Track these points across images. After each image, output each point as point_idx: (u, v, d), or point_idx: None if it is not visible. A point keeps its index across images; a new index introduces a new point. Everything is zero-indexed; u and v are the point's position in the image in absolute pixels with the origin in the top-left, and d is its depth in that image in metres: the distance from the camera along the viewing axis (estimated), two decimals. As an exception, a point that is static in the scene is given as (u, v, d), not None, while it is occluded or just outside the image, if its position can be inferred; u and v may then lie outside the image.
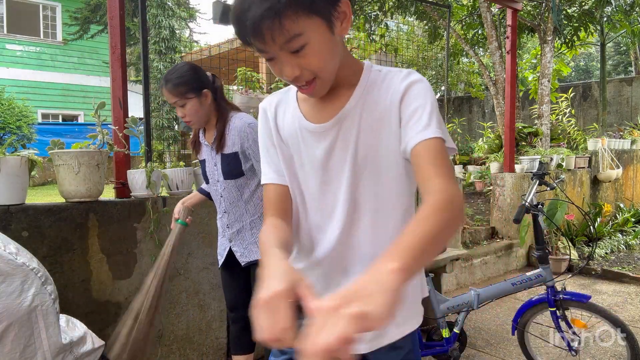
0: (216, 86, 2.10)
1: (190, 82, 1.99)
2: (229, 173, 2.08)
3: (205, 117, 2.08)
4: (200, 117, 2.06)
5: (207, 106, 2.06)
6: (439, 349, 2.64)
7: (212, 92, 2.07)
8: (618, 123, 10.47)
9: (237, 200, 2.13)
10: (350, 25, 1.00)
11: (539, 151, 6.01)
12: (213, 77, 2.12)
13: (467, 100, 13.26)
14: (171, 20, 11.37)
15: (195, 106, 2.02)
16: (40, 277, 1.64)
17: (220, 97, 2.10)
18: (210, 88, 2.06)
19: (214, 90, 2.09)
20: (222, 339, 2.96)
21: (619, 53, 20.32)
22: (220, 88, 2.11)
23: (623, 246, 5.78)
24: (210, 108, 2.08)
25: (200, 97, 2.02)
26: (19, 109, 9.05)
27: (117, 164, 2.69)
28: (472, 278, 4.83)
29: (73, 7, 13.61)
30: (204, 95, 2.02)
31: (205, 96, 2.03)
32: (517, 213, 2.55)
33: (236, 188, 2.11)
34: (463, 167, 8.31)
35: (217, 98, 2.09)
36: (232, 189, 2.12)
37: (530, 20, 6.86)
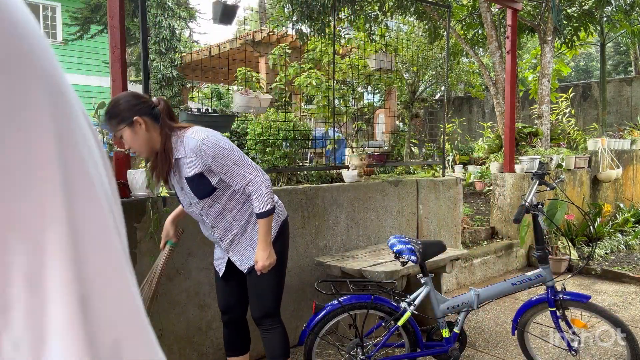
0: (156, 111, 2.01)
1: (119, 113, 1.94)
2: (202, 193, 2.04)
3: (146, 145, 2.00)
4: (140, 145, 1.99)
5: (144, 134, 1.96)
6: (439, 349, 2.64)
7: (152, 118, 1.98)
8: (618, 123, 10.47)
9: (220, 213, 2.10)
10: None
11: (539, 151, 6.01)
12: (157, 101, 2.05)
13: (467, 100, 13.25)
14: (171, 20, 11.35)
15: (130, 136, 1.96)
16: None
17: (163, 121, 2.01)
18: (147, 114, 1.97)
19: (154, 116, 1.99)
20: (222, 338, 2.95)
21: (619, 53, 20.31)
22: (162, 112, 2.02)
23: (623, 246, 5.77)
24: (150, 135, 1.98)
25: (133, 126, 1.94)
26: (19, 109, 9.05)
27: (117, 164, 2.69)
28: (472, 278, 4.83)
29: (73, 7, 13.61)
30: (136, 124, 1.94)
31: (138, 124, 1.94)
32: (517, 213, 2.55)
33: (214, 202, 2.08)
34: (463, 167, 8.31)
35: (160, 123, 2.01)
36: (211, 204, 2.08)
37: (530, 20, 6.86)
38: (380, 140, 9.59)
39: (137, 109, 1.96)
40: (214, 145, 1.96)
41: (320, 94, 6.16)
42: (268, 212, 2.01)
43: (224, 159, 1.96)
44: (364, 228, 3.84)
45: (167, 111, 2.06)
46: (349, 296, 2.50)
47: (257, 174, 2.00)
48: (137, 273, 1.97)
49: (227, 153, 1.97)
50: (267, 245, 2.05)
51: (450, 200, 4.63)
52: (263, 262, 2.03)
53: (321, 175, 4.53)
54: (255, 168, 2.02)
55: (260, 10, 12.43)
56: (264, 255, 2.03)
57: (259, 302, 2.18)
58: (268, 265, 2.04)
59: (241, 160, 2.00)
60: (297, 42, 6.90)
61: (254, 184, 1.99)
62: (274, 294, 2.20)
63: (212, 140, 1.97)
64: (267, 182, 2.02)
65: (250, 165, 2.01)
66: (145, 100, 2.02)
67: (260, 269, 2.04)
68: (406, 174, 5.72)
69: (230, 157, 1.97)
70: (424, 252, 2.52)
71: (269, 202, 2.00)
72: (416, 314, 2.58)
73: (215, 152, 1.95)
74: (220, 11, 4.62)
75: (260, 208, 2.00)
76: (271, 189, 2.03)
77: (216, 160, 1.96)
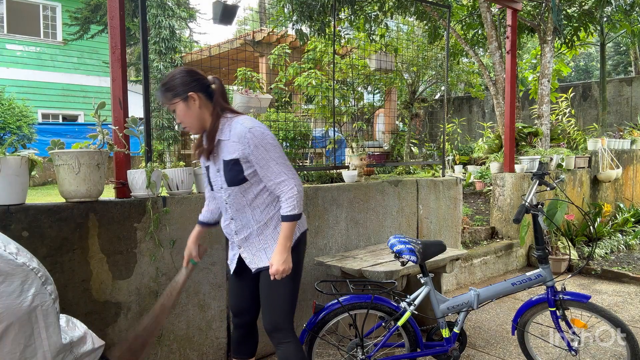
0: (211, 90, 2.03)
1: (175, 86, 1.97)
2: (232, 179, 2.02)
3: (198, 121, 2.02)
4: (192, 121, 2.01)
5: (197, 110, 1.99)
6: (439, 349, 2.64)
7: (207, 95, 2.01)
8: (618, 123, 10.48)
9: (243, 207, 2.06)
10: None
11: (539, 151, 6.01)
12: (213, 80, 2.05)
13: (467, 100, 13.26)
14: (171, 20, 11.35)
15: (183, 110, 1.99)
16: (40, 277, 1.64)
17: (217, 100, 2.03)
18: (202, 91, 1.99)
19: (209, 94, 2.02)
20: (222, 339, 2.96)
21: (619, 53, 20.30)
22: (217, 91, 2.03)
23: (623, 246, 5.78)
24: (202, 112, 2.01)
25: (187, 100, 1.97)
26: (19, 109, 9.05)
27: (117, 164, 2.69)
28: (472, 278, 4.84)
29: (73, 7, 13.61)
30: (191, 99, 1.97)
31: (192, 99, 1.97)
32: (517, 213, 2.54)
33: (241, 194, 2.04)
34: (463, 167, 8.31)
35: (213, 101, 2.03)
36: (237, 195, 2.05)
37: (530, 20, 6.86)
38: (380, 140, 9.59)
39: (193, 85, 1.97)
40: (260, 136, 1.94)
41: (320, 94, 6.16)
42: (294, 216, 1.97)
43: (265, 152, 1.95)
44: (364, 228, 3.84)
45: (221, 91, 2.05)
46: (349, 296, 2.50)
47: (292, 176, 1.98)
48: (137, 273, 1.96)
49: (270, 147, 1.96)
50: (286, 250, 1.97)
51: (450, 200, 4.63)
52: (278, 266, 1.95)
53: (321, 175, 4.53)
54: (292, 171, 1.99)
55: (260, 10, 12.42)
56: (280, 259, 1.96)
57: (270, 313, 2.10)
58: (282, 271, 1.96)
59: (281, 159, 1.98)
60: (297, 42, 6.90)
61: (287, 185, 1.96)
62: (286, 305, 2.09)
63: (259, 131, 1.95)
64: (300, 187, 1.98)
65: (288, 166, 1.99)
66: (201, 77, 2.02)
67: (273, 273, 1.97)
68: (406, 174, 5.72)
69: (272, 152, 1.96)
70: (424, 252, 2.52)
71: (297, 207, 1.96)
72: (416, 314, 2.58)
73: (259, 143, 1.94)
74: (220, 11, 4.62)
75: (288, 210, 1.96)
76: (302, 196, 1.99)
77: (257, 150, 1.94)
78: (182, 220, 2.73)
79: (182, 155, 9.38)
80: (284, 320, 2.09)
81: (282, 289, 2.07)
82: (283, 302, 2.08)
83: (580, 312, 2.61)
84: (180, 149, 9.96)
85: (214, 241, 2.89)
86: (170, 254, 2.69)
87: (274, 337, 2.10)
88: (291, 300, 2.11)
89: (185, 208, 2.75)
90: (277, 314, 2.08)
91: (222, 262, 2.94)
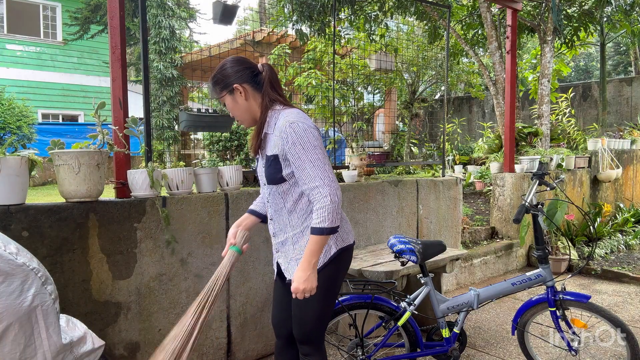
0: (258, 80, 1.88)
1: (221, 79, 1.87)
2: (271, 177, 1.87)
3: (248, 114, 1.90)
4: (241, 114, 1.90)
5: (244, 102, 1.87)
6: (439, 349, 2.64)
7: (254, 86, 1.87)
8: (618, 123, 10.48)
9: (281, 209, 1.92)
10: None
11: (539, 151, 6.01)
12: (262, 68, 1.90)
13: (467, 100, 13.26)
14: (171, 20, 11.34)
15: (230, 104, 1.89)
16: (40, 277, 1.65)
17: (265, 90, 1.87)
18: (249, 81, 1.86)
19: (257, 83, 1.87)
20: (222, 339, 2.96)
21: (619, 53, 20.30)
22: (265, 80, 1.88)
23: (623, 246, 5.78)
24: (250, 104, 1.88)
25: (233, 93, 1.86)
26: (19, 109, 9.04)
27: (117, 164, 2.69)
28: (472, 278, 4.83)
29: (73, 7, 13.61)
30: (236, 91, 1.86)
31: (238, 91, 1.86)
32: (517, 213, 2.55)
33: (279, 195, 1.90)
34: (463, 167, 8.31)
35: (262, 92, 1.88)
36: (276, 195, 1.91)
37: (530, 20, 6.86)
38: (380, 140, 9.59)
39: (239, 76, 1.85)
40: (300, 132, 1.75)
41: (320, 94, 6.16)
42: (324, 230, 1.72)
43: (302, 151, 1.75)
44: (364, 228, 3.84)
45: (270, 80, 1.88)
46: (349, 296, 2.50)
47: (328, 183, 1.73)
48: (137, 273, 1.95)
49: (309, 147, 1.75)
50: (310, 267, 1.74)
51: (450, 200, 4.63)
52: (298, 284, 1.74)
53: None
54: (330, 177, 1.75)
55: (260, 10, 12.42)
56: (301, 276, 1.74)
57: (300, 324, 1.94)
58: (302, 290, 1.74)
59: (319, 161, 1.75)
60: (297, 42, 6.90)
61: (320, 193, 1.73)
62: (317, 321, 1.93)
63: (300, 127, 1.76)
64: (335, 196, 1.73)
65: (326, 171, 1.75)
66: (248, 66, 1.88)
67: (294, 291, 1.76)
68: (406, 174, 5.72)
69: (310, 152, 1.74)
70: (424, 252, 2.52)
71: (328, 219, 1.71)
72: (416, 314, 2.58)
73: (297, 140, 1.75)
74: (220, 11, 4.63)
75: (317, 222, 1.72)
76: (338, 206, 1.74)
77: (294, 148, 1.75)
78: (182, 221, 2.73)
79: (182, 155, 9.38)
80: (315, 335, 1.95)
81: (315, 304, 1.89)
82: (313, 319, 1.92)
83: (580, 312, 2.61)
84: (180, 149, 9.96)
85: (214, 241, 2.89)
86: (170, 254, 2.69)
87: (302, 347, 1.98)
88: (322, 317, 1.95)
89: (185, 208, 2.75)
90: (307, 327, 1.93)
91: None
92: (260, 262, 3.11)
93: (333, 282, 1.93)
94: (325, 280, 1.88)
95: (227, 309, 2.97)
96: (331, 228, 1.72)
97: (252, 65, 1.90)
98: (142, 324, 2.60)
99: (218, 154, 5.72)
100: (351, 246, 1.98)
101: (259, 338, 3.13)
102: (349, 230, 1.98)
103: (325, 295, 1.91)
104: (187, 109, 3.45)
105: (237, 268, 3.00)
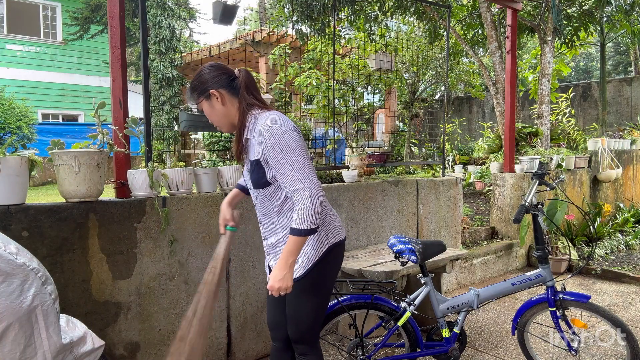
0: (234, 84, 1.88)
1: (197, 86, 1.89)
2: (256, 182, 1.89)
3: (225, 119, 1.90)
4: (219, 119, 1.91)
5: (222, 107, 1.88)
6: (439, 349, 2.64)
7: (231, 91, 1.87)
8: (618, 123, 10.48)
9: (269, 211, 1.94)
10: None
11: (539, 151, 6.01)
12: (239, 72, 1.91)
13: (467, 100, 13.26)
14: (171, 20, 11.35)
15: (208, 109, 1.90)
16: (40, 277, 1.65)
17: (242, 95, 1.87)
18: (225, 87, 1.86)
19: (232, 89, 1.88)
20: (222, 339, 2.96)
21: (619, 53, 20.30)
22: (241, 84, 1.88)
23: (623, 246, 5.78)
24: (228, 109, 1.88)
25: (210, 99, 1.87)
26: (19, 109, 9.05)
27: (117, 164, 2.69)
28: (472, 278, 4.84)
29: (73, 7, 13.61)
30: (212, 96, 1.86)
31: (214, 97, 1.86)
32: (517, 213, 2.55)
33: (266, 198, 1.91)
34: (463, 167, 8.32)
35: (238, 96, 1.88)
36: (263, 198, 1.93)
37: (530, 20, 6.86)
38: (380, 140, 9.60)
39: (215, 81, 1.86)
40: (278, 135, 1.75)
41: (320, 94, 6.16)
42: (302, 231, 1.74)
43: (281, 154, 1.75)
44: (364, 228, 3.84)
45: (247, 84, 1.89)
46: (349, 296, 2.50)
47: (309, 185, 1.74)
48: (137, 273, 1.96)
49: (287, 150, 1.75)
50: (287, 266, 1.77)
51: (450, 200, 4.63)
52: (274, 282, 1.76)
53: (321, 175, 4.53)
54: (310, 179, 1.75)
55: (260, 10, 12.43)
56: (277, 275, 1.76)
57: (295, 324, 1.96)
58: (278, 288, 1.76)
59: (298, 164, 1.75)
60: (297, 42, 6.90)
61: (300, 196, 1.74)
62: (311, 320, 1.96)
63: (278, 130, 1.76)
64: (316, 198, 1.73)
65: (306, 173, 1.75)
66: (224, 71, 1.88)
67: (269, 289, 1.79)
68: (406, 174, 5.72)
69: (289, 155, 1.75)
70: (424, 252, 2.52)
71: (307, 221, 1.73)
72: (416, 314, 2.58)
73: (275, 144, 1.75)
74: (220, 11, 4.63)
75: (296, 224, 1.73)
76: (318, 207, 1.75)
77: (273, 152, 1.76)
78: (182, 220, 2.73)
79: (182, 155, 9.38)
80: (309, 333, 1.98)
81: (308, 303, 1.93)
82: (308, 317, 1.95)
83: (580, 312, 2.61)
84: (180, 149, 9.96)
85: (213, 241, 2.89)
86: (170, 254, 2.69)
87: (297, 347, 2.01)
88: (317, 315, 1.97)
89: (185, 208, 2.75)
90: (302, 327, 1.96)
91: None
92: (260, 262, 3.11)
93: (326, 278, 1.95)
94: (318, 276, 1.91)
95: (227, 309, 2.97)
96: (309, 229, 1.75)
97: (229, 70, 1.91)
98: (142, 324, 2.60)
99: (218, 154, 5.72)
100: (342, 242, 2.00)
101: (259, 338, 3.13)
102: (339, 227, 2.00)
103: (320, 293, 1.95)
104: (187, 109, 3.45)
105: (237, 268, 3.01)
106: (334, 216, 2.00)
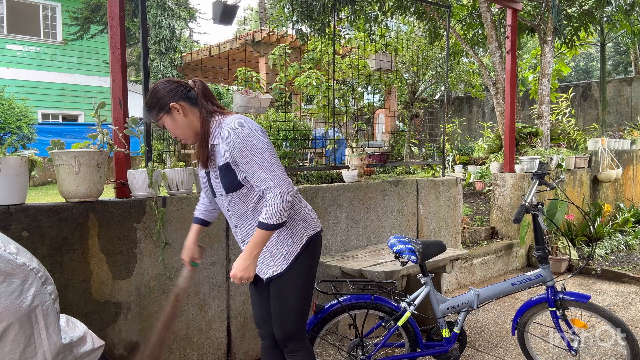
0: (192, 95, 1.91)
1: (154, 103, 1.89)
2: (228, 186, 1.92)
3: (190, 131, 1.92)
4: (184, 132, 1.92)
5: (184, 119, 1.90)
6: (439, 349, 2.64)
7: (190, 102, 1.90)
8: (618, 123, 10.48)
9: (245, 212, 1.97)
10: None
11: (539, 151, 6.01)
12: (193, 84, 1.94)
13: (467, 100, 13.26)
14: (171, 20, 11.36)
15: (170, 124, 1.91)
16: (40, 277, 1.64)
17: (200, 104, 1.91)
18: (184, 99, 1.88)
19: (191, 100, 1.90)
20: (222, 339, 2.96)
21: (619, 53, 20.30)
22: (199, 94, 1.91)
23: (623, 246, 5.78)
24: (190, 120, 1.91)
25: (171, 113, 1.88)
26: (19, 109, 9.05)
27: (117, 164, 2.69)
28: (472, 278, 4.83)
29: (73, 7, 13.61)
30: (173, 110, 1.88)
31: (175, 110, 1.88)
32: (517, 213, 2.54)
33: (240, 199, 1.95)
34: (463, 167, 8.31)
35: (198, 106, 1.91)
36: (237, 201, 1.95)
37: (530, 20, 6.86)
38: (380, 140, 9.59)
39: (173, 95, 1.88)
40: (245, 137, 1.80)
41: (320, 94, 6.16)
42: (270, 225, 1.81)
43: (249, 155, 1.80)
44: (364, 228, 3.84)
45: (203, 93, 1.92)
46: (349, 296, 2.50)
47: (279, 182, 1.81)
48: (137, 273, 1.96)
49: (255, 151, 1.80)
50: (251, 257, 1.84)
51: (450, 200, 4.63)
52: (236, 271, 1.84)
53: (321, 175, 4.52)
54: (280, 177, 1.82)
55: (260, 10, 12.43)
56: (241, 264, 1.84)
57: (281, 321, 2.01)
58: (240, 277, 1.84)
59: (267, 163, 1.81)
60: (297, 42, 6.90)
61: (271, 193, 1.80)
62: (297, 314, 2.01)
63: (244, 132, 1.81)
64: (286, 195, 1.81)
65: (275, 172, 1.82)
66: (180, 84, 1.91)
67: (231, 277, 1.86)
68: (406, 174, 5.72)
69: (257, 156, 1.80)
70: (424, 252, 2.52)
71: (276, 216, 1.81)
72: (416, 314, 2.58)
73: (243, 146, 1.80)
74: (220, 11, 4.62)
75: (265, 218, 1.81)
76: (288, 204, 1.83)
77: (242, 153, 1.81)
78: (182, 220, 2.73)
79: (182, 155, 9.38)
80: (297, 328, 2.01)
81: (293, 298, 1.99)
82: (294, 311, 1.99)
83: (580, 312, 2.61)
84: (180, 149, 9.96)
85: (214, 241, 2.89)
86: (170, 254, 2.69)
87: (286, 345, 2.03)
88: (302, 308, 2.02)
89: (185, 208, 2.75)
90: (289, 323, 2.00)
91: (222, 262, 2.94)
92: (260, 262, 3.11)
93: (308, 271, 2.03)
94: (301, 267, 1.99)
95: (227, 309, 2.97)
96: (277, 224, 1.83)
97: (183, 82, 1.94)
98: (142, 324, 2.60)
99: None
100: (319, 233, 2.10)
101: (259, 338, 3.13)
102: (316, 219, 2.10)
103: (304, 286, 2.02)
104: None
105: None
106: (309, 209, 2.09)
